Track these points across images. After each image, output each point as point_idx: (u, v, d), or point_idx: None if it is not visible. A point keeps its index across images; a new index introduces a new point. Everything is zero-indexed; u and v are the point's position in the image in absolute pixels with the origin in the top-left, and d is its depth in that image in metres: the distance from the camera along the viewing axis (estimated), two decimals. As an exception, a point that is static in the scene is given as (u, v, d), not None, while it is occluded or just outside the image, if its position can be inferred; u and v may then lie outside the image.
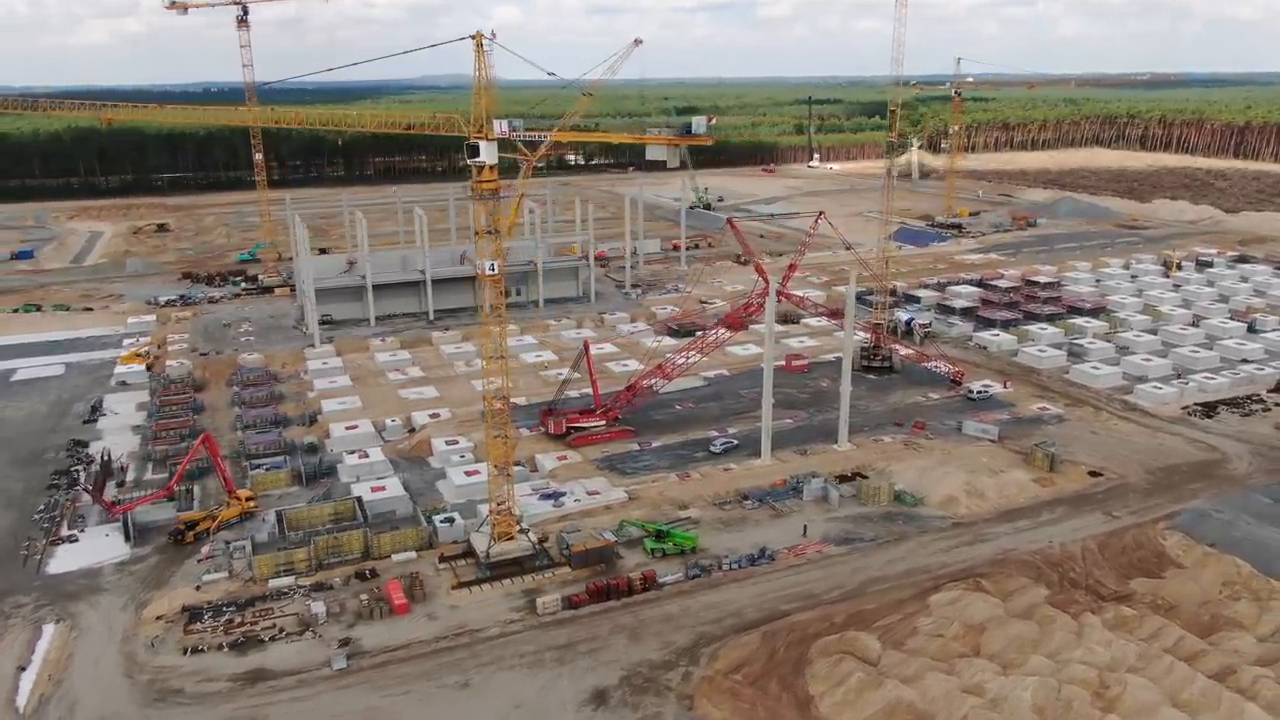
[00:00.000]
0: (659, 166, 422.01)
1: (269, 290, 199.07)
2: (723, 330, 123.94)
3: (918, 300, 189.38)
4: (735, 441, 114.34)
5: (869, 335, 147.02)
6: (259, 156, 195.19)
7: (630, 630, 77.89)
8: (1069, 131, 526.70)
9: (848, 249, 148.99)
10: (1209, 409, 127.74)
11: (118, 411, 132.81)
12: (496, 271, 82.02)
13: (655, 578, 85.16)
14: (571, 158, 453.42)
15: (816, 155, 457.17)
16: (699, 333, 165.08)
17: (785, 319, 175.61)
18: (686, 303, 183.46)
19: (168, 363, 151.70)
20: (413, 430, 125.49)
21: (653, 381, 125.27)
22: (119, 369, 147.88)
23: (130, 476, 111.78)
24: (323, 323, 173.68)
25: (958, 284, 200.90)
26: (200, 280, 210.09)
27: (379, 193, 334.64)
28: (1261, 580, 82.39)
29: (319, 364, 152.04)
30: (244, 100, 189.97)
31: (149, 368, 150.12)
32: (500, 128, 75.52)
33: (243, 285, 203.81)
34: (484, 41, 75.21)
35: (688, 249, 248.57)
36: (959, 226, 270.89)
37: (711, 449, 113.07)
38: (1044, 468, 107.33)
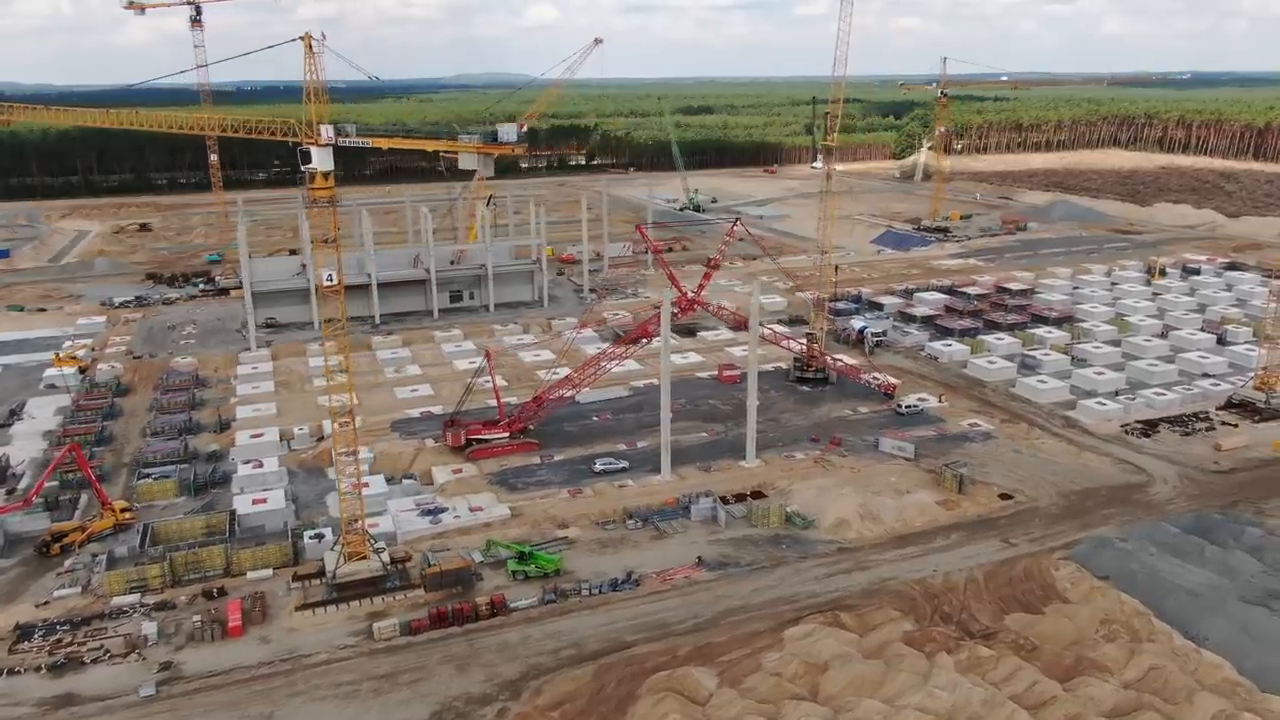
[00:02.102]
0: (660, 167, 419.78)
1: (225, 292, 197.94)
2: (632, 342, 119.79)
3: (881, 307, 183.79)
4: (624, 463, 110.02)
5: (814, 344, 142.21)
6: (214, 158, 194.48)
7: (461, 660, 74.41)
8: (1085, 133, 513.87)
9: (769, 257, 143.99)
10: (1149, 427, 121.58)
11: (35, 416, 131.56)
12: (335, 282, 78.47)
13: (504, 602, 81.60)
14: (572, 158, 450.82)
15: (820, 155, 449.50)
16: (645, 340, 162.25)
17: (739, 326, 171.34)
18: (600, 308, 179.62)
19: (99, 366, 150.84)
20: (321, 439, 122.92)
21: (569, 392, 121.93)
22: (49, 371, 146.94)
23: (24, 484, 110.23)
24: (266, 326, 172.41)
25: (925, 291, 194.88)
26: (162, 281, 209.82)
27: (374, 192, 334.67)
28: (1143, 619, 77.04)
29: (249, 368, 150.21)
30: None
31: (82, 370, 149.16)
32: (326, 133, 72.33)
33: (200, 286, 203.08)
34: (313, 43, 72.14)
35: (664, 250, 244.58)
36: (945, 230, 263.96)
37: (593, 468, 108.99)
38: (952, 489, 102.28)
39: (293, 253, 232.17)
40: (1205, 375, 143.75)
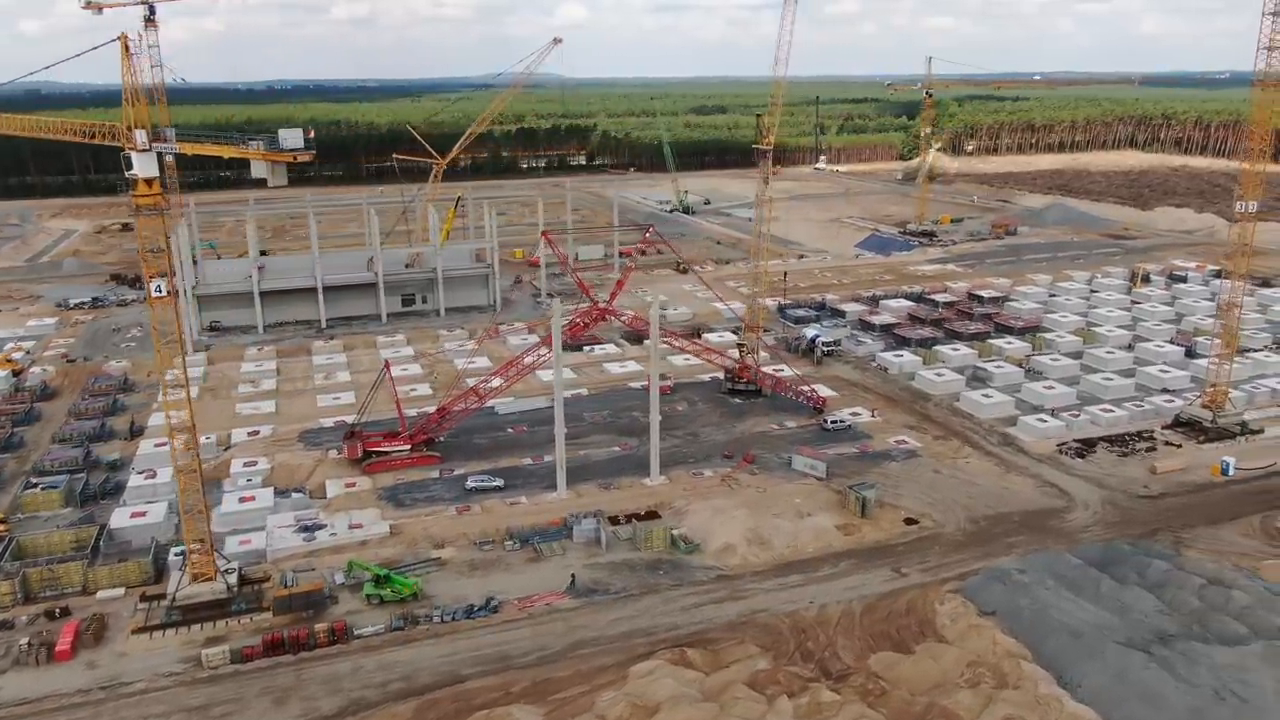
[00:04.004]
0: (658, 168, 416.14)
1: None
2: (541, 351, 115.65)
3: (842, 314, 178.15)
4: (499, 481, 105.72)
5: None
6: (170, 158, 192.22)
7: (282, 692, 70.70)
8: (1100, 133, 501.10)
9: (691, 268, 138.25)
10: (1087, 446, 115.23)
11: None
12: (165, 293, 75.03)
13: (346, 629, 77.81)
14: (572, 158, 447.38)
15: (824, 157, 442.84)
16: (588, 348, 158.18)
17: (695, 332, 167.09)
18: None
19: (31, 369, 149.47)
20: (228, 448, 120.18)
21: (491, 403, 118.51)
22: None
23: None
24: (211, 329, 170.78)
25: (893, 298, 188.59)
26: (125, 282, 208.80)
27: (373, 192, 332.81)
28: (1014, 662, 71.50)
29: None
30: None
31: (16, 373, 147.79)
32: (140, 138, 68.91)
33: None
34: (129, 44, 68.75)
35: (637, 254, 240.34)
36: (931, 234, 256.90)
37: (465, 485, 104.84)
38: (855, 512, 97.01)
39: (263, 253, 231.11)
40: (1165, 390, 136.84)
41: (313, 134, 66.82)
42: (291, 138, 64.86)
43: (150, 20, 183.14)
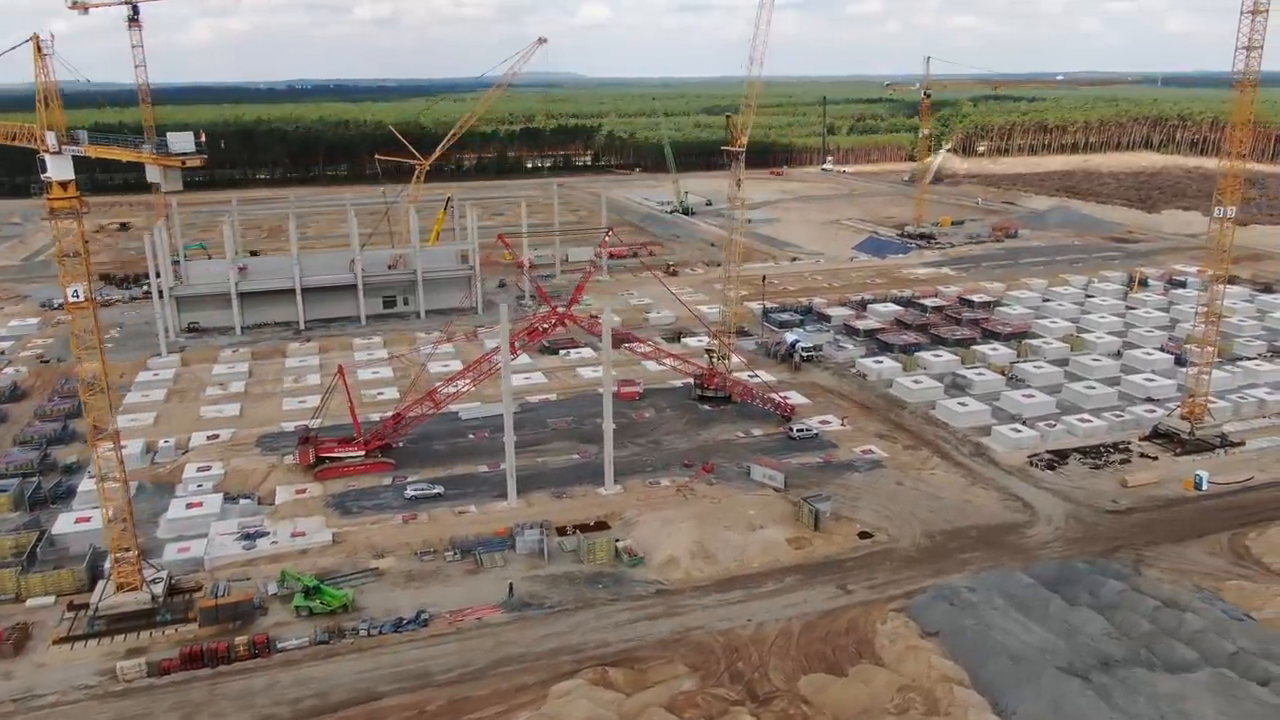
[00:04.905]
0: (663, 168, 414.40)
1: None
2: (498, 357, 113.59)
3: (828, 319, 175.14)
4: (438, 488, 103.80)
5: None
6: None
7: (192, 708, 69.01)
8: (1115, 134, 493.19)
9: (655, 273, 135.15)
10: (1059, 458, 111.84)
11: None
12: (82, 298, 73.65)
13: (268, 642, 76.10)
14: (577, 159, 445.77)
15: (830, 157, 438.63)
16: (564, 351, 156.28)
17: (677, 336, 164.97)
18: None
19: (4, 370, 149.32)
20: (186, 451, 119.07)
21: (455, 407, 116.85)
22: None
23: None
24: (189, 330, 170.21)
25: (882, 302, 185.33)
26: (113, 282, 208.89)
27: (375, 192, 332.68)
28: (947, 687, 68.67)
29: (152, 375, 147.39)
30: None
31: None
32: (50, 140, 67.47)
33: (145, 288, 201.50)
34: (42, 46, 67.37)
35: (629, 256, 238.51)
36: (929, 236, 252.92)
37: (405, 494, 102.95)
38: (808, 525, 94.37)
39: (253, 253, 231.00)
40: (1149, 399, 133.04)
41: (204, 137, 65.14)
42: (180, 141, 63.27)
43: (134, 20, 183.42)
